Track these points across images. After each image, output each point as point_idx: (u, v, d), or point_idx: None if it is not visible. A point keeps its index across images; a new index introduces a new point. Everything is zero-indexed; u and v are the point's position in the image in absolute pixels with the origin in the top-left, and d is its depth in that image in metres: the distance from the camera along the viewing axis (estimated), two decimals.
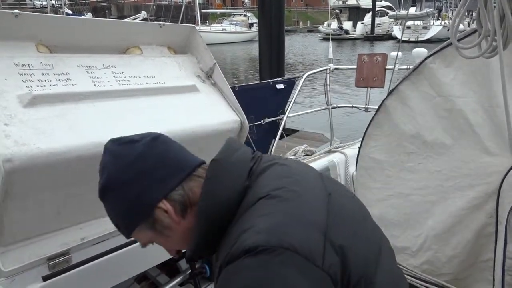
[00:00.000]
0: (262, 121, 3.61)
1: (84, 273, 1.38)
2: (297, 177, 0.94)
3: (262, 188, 0.88)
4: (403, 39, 3.43)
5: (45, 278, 1.30)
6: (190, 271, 1.97)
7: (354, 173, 2.42)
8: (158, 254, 1.64)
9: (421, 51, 3.45)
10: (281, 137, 3.41)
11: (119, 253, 1.48)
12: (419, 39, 28.49)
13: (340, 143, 3.41)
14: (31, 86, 1.32)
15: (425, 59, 1.86)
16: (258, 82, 5.49)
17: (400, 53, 2.90)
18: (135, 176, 0.90)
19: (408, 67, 3.18)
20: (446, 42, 1.77)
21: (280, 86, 3.81)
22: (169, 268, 2.06)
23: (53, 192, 1.31)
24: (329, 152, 3.06)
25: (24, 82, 1.32)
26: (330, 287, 0.78)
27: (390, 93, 2.03)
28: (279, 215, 0.82)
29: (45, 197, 1.29)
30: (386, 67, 3.41)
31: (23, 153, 1.16)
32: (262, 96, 3.75)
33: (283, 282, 0.75)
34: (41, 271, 1.32)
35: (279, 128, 3.40)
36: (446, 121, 1.83)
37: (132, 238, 1.43)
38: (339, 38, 36.03)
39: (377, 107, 2.15)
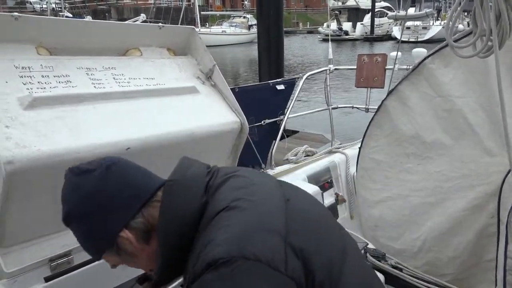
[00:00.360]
0: (262, 122, 3.61)
1: (86, 274, 1.39)
2: (255, 187, 0.94)
3: (220, 202, 0.88)
4: (402, 39, 3.44)
5: (47, 279, 1.31)
6: None
7: (355, 173, 2.42)
8: None
9: (421, 51, 3.46)
10: (282, 138, 3.41)
11: None
12: (419, 40, 28.50)
13: (340, 144, 3.41)
14: (31, 89, 1.33)
15: (424, 59, 1.87)
16: (258, 83, 5.49)
17: (399, 53, 2.91)
18: (94, 208, 0.90)
19: (408, 67, 3.18)
20: (444, 42, 1.77)
21: (280, 87, 3.81)
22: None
23: (54, 193, 1.31)
24: (330, 152, 3.06)
25: (24, 84, 1.33)
26: None
27: (389, 93, 2.04)
28: (238, 225, 0.82)
29: (46, 198, 1.29)
30: (386, 67, 3.42)
31: (24, 155, 1.17)
32: (262, 97, 3.75)
33: None
34: (43, 272, 1.33)
35: (279, 129, 3.40)
36: (446, 121, 1.84)
37: None
38: (339, 39, 36.06)
39: (377, 107, 2.15)
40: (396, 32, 32.43)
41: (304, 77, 3.59)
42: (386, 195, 2.05)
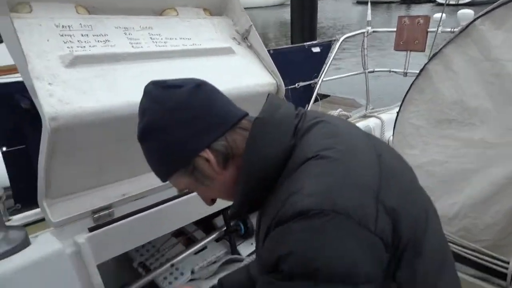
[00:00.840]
0: (296, 85, 3.55)
1: (126, 227, 1.45)
2: (346, 136, 0.89)
3: (310, 147, 0.84)
4: (441, 1, 3.24)
5: (90, 229, 1.38)
6: (225, 228, 2.04)
7: (391, 138, 2.37)
8: (195, 211, 1.70)
9: (467, 13, 3.24)
10: (315, 101, 3.36)
11: (158, 209, 1.54)
12: (460, 2, 26.72)
13: (373, 108, 3.33)
14: (71, 47, 1.35)
15: (474, 20, 1.75)
16: (293, 45, 5.36)
17: (444, 14, 2.74)
18: (176, 123, 0.87)
19: (453, 30, 3.01)
20: (497, 2, 1.66)
21: (316, 50, 3.71)
22: (205, 224, 2.13)
23: (94, 149, 1.36)
24: (365, 117, 3.00)
25: (65, 43, 1.35)
26: (382, 252, 0.76)
27: (433, 56, 1.94)
28: (331, 178, 0.78)
29: (87, 154, 1.34)
30: (428, 29, 3.24)
31: (67, 112, 1.20)
32: (297, 60, 3.66)
33: (336, 247, 0.73)
34: (86, 223, 1.40)
35: (313, 92, 3.34)
36: (493, 86, 1.74)
37: (172, 195, 1.50)
38: (374, 1, 34.34)
39: (416, 71, 2.07)
40: None
41: (341, 39, 3.48)
42: (424, 160, 2.00)
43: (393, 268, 0.80)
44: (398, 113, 2.15)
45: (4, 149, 2.70)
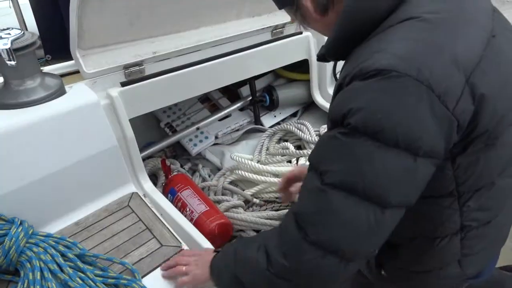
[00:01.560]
0: None
1: (156, 85, 1.47)
2: (463, 4, 0.80)
3: (416, 8, 0.77)
4: None
5: (123, 84, 1.40)
6: (251, 98, 2.06)
7: None
8: (222, 77, 1.70)
9: None
10: None
11: (187, 71, 1.54)
12: None
13: None
14: None
15: None
16: None
17: None
18: None
19: None
20: None
21: None
22: (230, 93, 2.16)
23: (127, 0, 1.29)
24: None
25: None
26: (453, 132, 0.74)
27: None
28: (424, 45, 0.73)
29: (120, 3, 1.28)
30: None
31: None
32: None
33: (408, 113, 0.70)
34: (118, 78, 1.41)
35: None
36: None
37: (200, 58, 1.47)
38: None
39: None
40: None
41: None
42: None
43: (457, 151, 0.79)
44: None
45: None
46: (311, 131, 1.91)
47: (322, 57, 0.95)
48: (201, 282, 1.03)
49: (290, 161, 1.79)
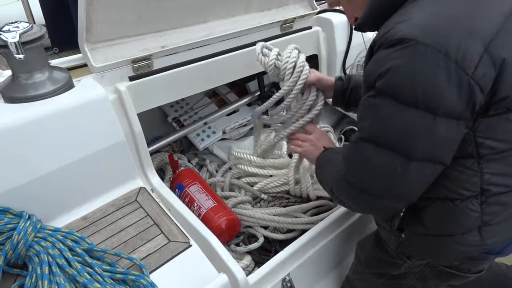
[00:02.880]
0: None
1: (164, 80, 1.46)
2: None
3: None
4: None
5: (131, 78, 1.39)
6: (258, 93, 2.05)
7: None
8: (230, 72, 1.68)
9: None
10: None
11: (195, 65, 1.52)
12: None
13: None
14: None
15: None
16: None
17: None
18: None
19: None
20: None
21: None
22: (238, 88, 2.14)
23: None
24: None
25: None
26: (476, 96, 0.81)
27: None
28: (442, 16, 0.83)
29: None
30: None
31: None
32: None
33: (427, 78, 0.79)
34: (126, 72, 1.40)
35: None
36: None
37: (209, 53, 1.46)
38: None
39: None
40: None
41: None
42: None
43: (479, 113, 0.85)
44: None
45: None
46: None
47: (359, 26, 1.03)
48: (308, 159, 1.35)
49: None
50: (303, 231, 1.42)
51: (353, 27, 1.06)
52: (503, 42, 0.82)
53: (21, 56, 1.12)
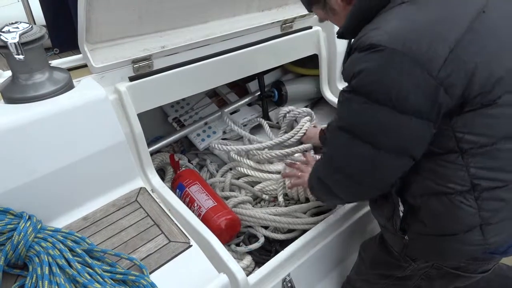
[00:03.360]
0: None
1: (164, 80, 1.46)
2: None
3: None
4: None
5: (131, 79, 1.39)
6: (259, 93, 2.05)
7: None
8: (231, 72, 1.68)
9: None
10: None
11: (195, 65, 1.53)
12: None
13: None
14: None
15: None
16: None
17: None
18: None
19: None
20: None
21: None
22: (239, 88, 2.14)
23: None
24: None
25: None
26: (440, 97, 0.87)
27: None
28: (410, 22, 0.90)
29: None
30: None
31: None
32: None
33: (395, 80, 0.87)
34: (127, 72, 1.40)
35: None
36: None
37: (209, 53, 1.46)
38: None
39: None
40: None
41: None
42: None
43: (454, 110, 0.91)
44: None
45: None
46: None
47: (341, 35, 1.11)
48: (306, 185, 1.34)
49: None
50: (304, 231, 1.42)
51: (336, 35, 1.15)
52: (470, 43, 0.87)
53: (21, 56, 1.12)
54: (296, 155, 1.68)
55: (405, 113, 0.88)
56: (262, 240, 1.47)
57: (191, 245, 1.14)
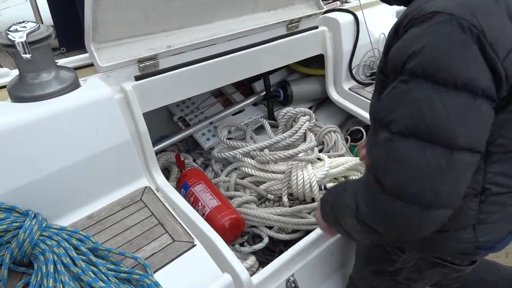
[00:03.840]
0: None
1: (170, 79, 1.46)
2: None
3: None
4: None
5: (137, 78, 1.40)
6: (264, 93, 2.04)
7: None
8: (236, 72, 1.68)
9: None
10: None
11: (201, 65, 1.53)
12: None
13: None
14: None
15: None
16: None
17: None
18: None
19: None
20: None
21: None
22: (244, 88, 2.14)
23: None
24: None
25: None
26: (502, 80, 0.77)
27: None
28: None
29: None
30: None
31: None
32: None
33: (463, 55, 0.74)
34: (133, 72, 1.41)
35: None
36: None
37: (215, 53, 1.45)
38: None
39: None
40: None
41: None
42: None
43: (497, 107, 0.81)
44: None
45: None
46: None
47: (386, 0, 0.99)
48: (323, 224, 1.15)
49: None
50: (308, 232, 1.41)
51: None
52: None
53: (28, 55, 1.13)
54: (300, 155, 1.67)
55: (479, 94, 0.75)
56: (266, 240, 1.47)
57: (195, 245, 1.14)
